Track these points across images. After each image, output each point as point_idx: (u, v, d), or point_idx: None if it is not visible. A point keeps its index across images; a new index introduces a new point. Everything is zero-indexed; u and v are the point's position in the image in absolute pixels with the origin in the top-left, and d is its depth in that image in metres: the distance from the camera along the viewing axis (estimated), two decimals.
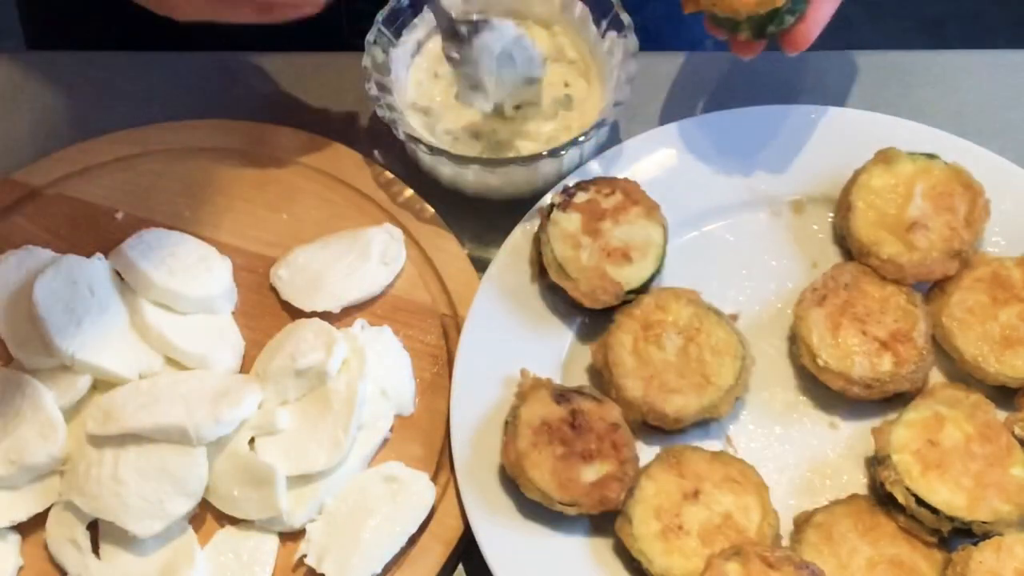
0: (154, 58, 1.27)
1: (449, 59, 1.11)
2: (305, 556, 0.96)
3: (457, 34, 1.09)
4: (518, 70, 1.11)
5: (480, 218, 1.14)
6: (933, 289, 1.06)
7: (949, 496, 0.93)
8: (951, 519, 0.93)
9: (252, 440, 1.00)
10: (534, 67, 1.12)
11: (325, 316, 1.06)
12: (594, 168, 1.11)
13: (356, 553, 0.95)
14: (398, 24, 1.16)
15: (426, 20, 1.17)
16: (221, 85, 1.24)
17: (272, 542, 0.98)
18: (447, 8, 1.10)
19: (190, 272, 1.07)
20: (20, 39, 1.49)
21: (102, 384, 1.03)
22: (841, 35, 1.17)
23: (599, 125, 1.09)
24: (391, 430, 1.03)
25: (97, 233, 1.13)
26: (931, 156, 1.08)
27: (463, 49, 1.09)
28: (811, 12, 1.02)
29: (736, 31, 1.03)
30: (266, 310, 1.09)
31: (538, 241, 1.06)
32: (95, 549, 0.97)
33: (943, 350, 1.04)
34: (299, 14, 1.02)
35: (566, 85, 1.16)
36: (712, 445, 1.01)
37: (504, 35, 1.10)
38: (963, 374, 1.03)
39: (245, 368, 1.06)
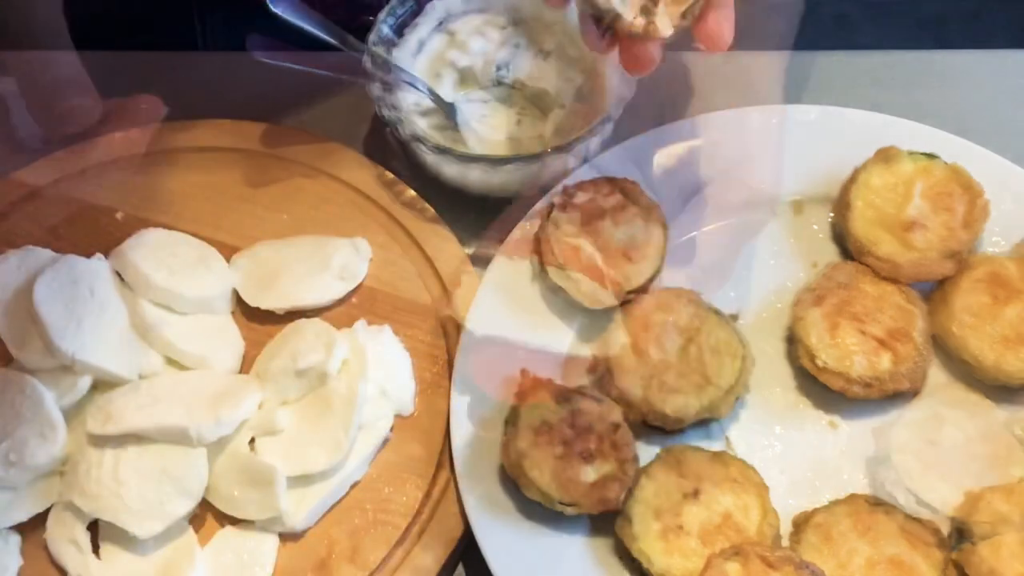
0: (153, 58, 1.27)
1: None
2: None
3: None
4: None
5: (480, 218, 1.14)
6: (934, 289, 1.06)
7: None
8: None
9: (252, 440, 1.01)
10: None
11: (321, 314, 1.06)
12: (594, 168, 1.11)
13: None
14: (399, 24, 1.16)
15: (428, 19, 1.17)
16: (221, 85, 1.23)
17: (272, 542, 0.98)
18: None
19: (190, 272, 1.07)
20: None
21: (102, 384, 1.03)
22: (841, 35, 1.17)
23: (604, 121, 1.09)
24: (391, 430, 1.03)
25: (97, 233, 1.13)
26: (931, 156, 1.08)
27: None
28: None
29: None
30: (266, 310, 1.09)
31: (538, 241, 1.06)
32: (95, 549, 0.97)
33: (943, 350, 1.04)
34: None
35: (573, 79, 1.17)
36: (712, 445, 1.01)
37: None
38: (963, 374, 1.03)
39: (245, 368, 1.06)
